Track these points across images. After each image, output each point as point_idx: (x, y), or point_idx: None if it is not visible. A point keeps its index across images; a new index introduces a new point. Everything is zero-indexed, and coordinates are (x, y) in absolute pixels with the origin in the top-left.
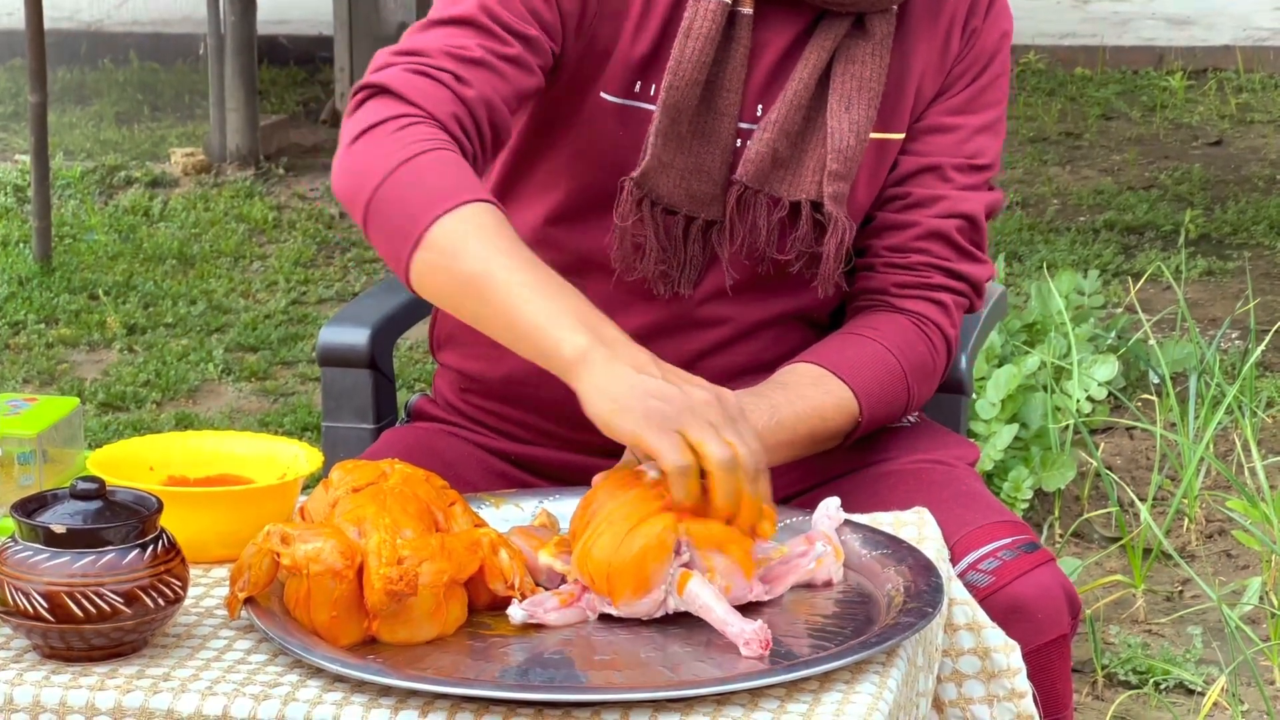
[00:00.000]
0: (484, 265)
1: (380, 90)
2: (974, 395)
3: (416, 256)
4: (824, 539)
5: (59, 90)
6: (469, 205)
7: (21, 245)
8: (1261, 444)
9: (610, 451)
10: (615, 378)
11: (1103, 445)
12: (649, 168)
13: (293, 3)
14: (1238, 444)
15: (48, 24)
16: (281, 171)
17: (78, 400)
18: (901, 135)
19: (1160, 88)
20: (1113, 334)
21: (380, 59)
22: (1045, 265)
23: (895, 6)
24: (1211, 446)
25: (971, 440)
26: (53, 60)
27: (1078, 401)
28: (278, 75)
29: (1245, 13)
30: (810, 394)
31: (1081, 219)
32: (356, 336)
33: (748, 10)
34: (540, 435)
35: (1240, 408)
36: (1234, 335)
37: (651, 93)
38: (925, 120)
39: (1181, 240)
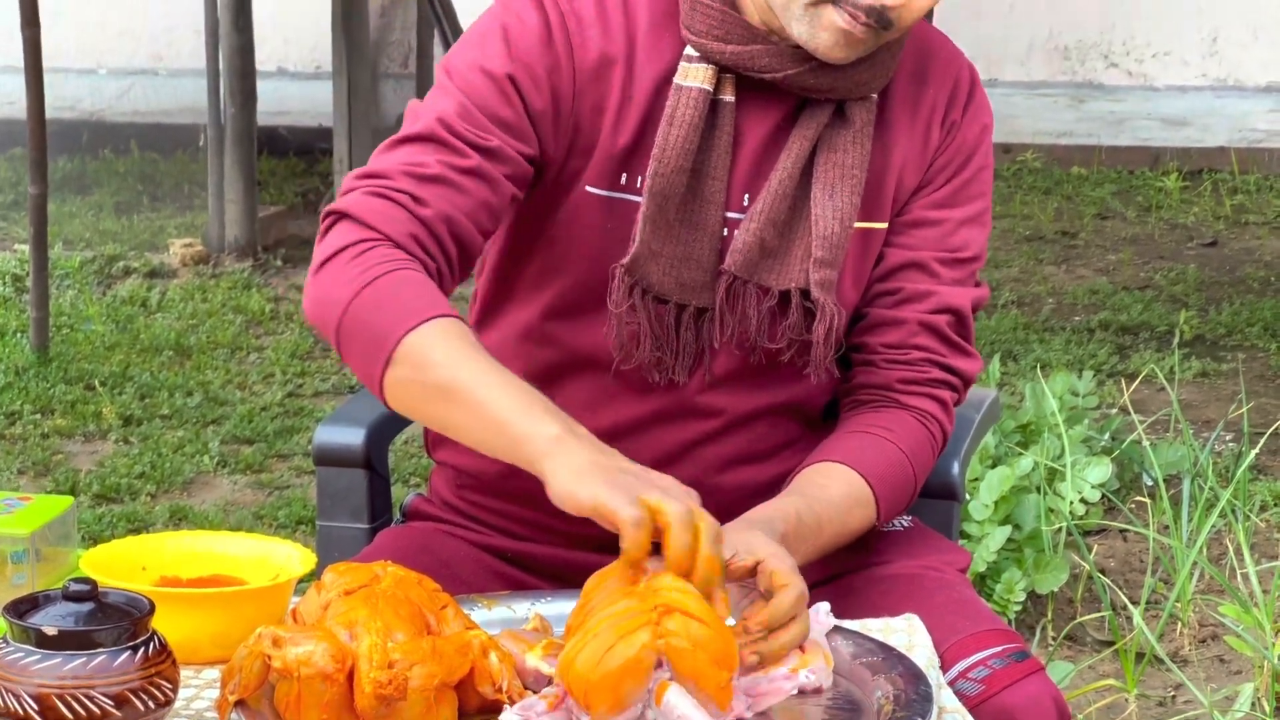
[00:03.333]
0: (451, 373)
1: (342, 216)
2: (967, 497)
3: (388, 374)
4: (813, 647)
5: (59, 179)
6: (431, 321)
7: (19, 335)
8: (1255, 548)
9: (605, 546)
10: (579, 459)
11: (1096, 547)
12: (638, 255)
13: (292, 94)
14: (1231, 548)
15: (49, 113)
16: (279, 263)
17: (72, 499)
18: (884, 225)
19: (1156, 188)
20: (1106, 435)
21: (347, 183)
22: (1040, 365)
23: (875, 95)
24: (1205, 550)
25: (962, 546)
26: (53, 149)
27: (1071, 504)
28: (277, 166)
29: (1240, 114)
30: (836, 497)
31: (1076, 318)
32: (352, 436)
33: (729, 98)
34: (537, 530)
35: (1234, 511)
36: (1228, 438)
37: (637, 184)
38: (909, 214)
39: (1176, 341)
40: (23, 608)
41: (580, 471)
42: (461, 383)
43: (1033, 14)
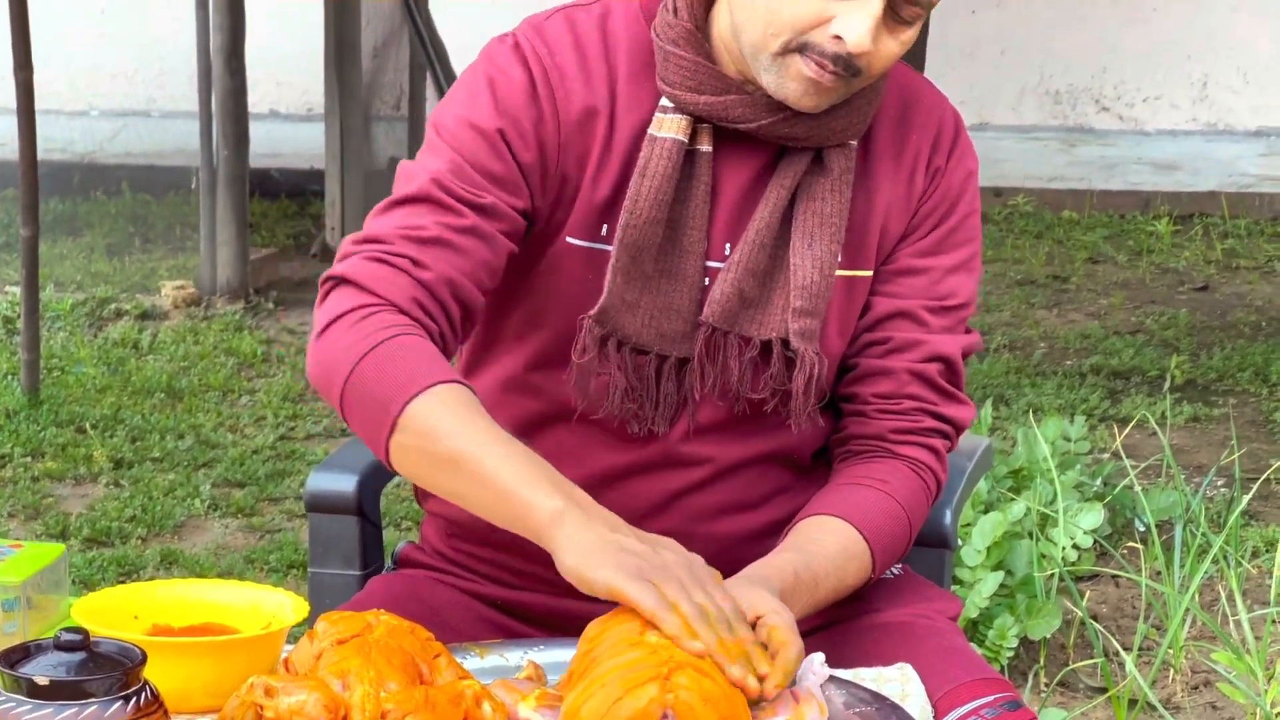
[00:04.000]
0: (456, 442)
1: (342, 281)
2: (959, 543)
3: (393, 441)
4: (808, 697)
5: (51, 221)
6: (436, 387)
7: (10, 377)
8: (1247, 594)
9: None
10: (588, 535)
11: (1088, 593)
12: (607, 305)
13: (285, 136)
14: (1223, 594)
15: (41, 154)
16: (271, 305)
17: (63, 547)
18: (869, 273)
19: (1147, 232)
20: (1098, 481)
21: (345, 247)
22: (1032, 409)
23: (854, 142)
24: (1197, 597)
25: (954, 593)
26: (45, 191)
27: (1063, 550)
28: (269, 208)
29: (1231, 158)
30: (832, 552)
31: (1068, 363)
32: (344, 483)
33: (706, 148)
34: (528, 579)
35: (1226, 558)
36: (1219, 483)
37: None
38: (896, 262)
39: (1167, 386)
40: (14, 657)
41: (589, 551)
42: (466, 453)
43: (1024, 59)
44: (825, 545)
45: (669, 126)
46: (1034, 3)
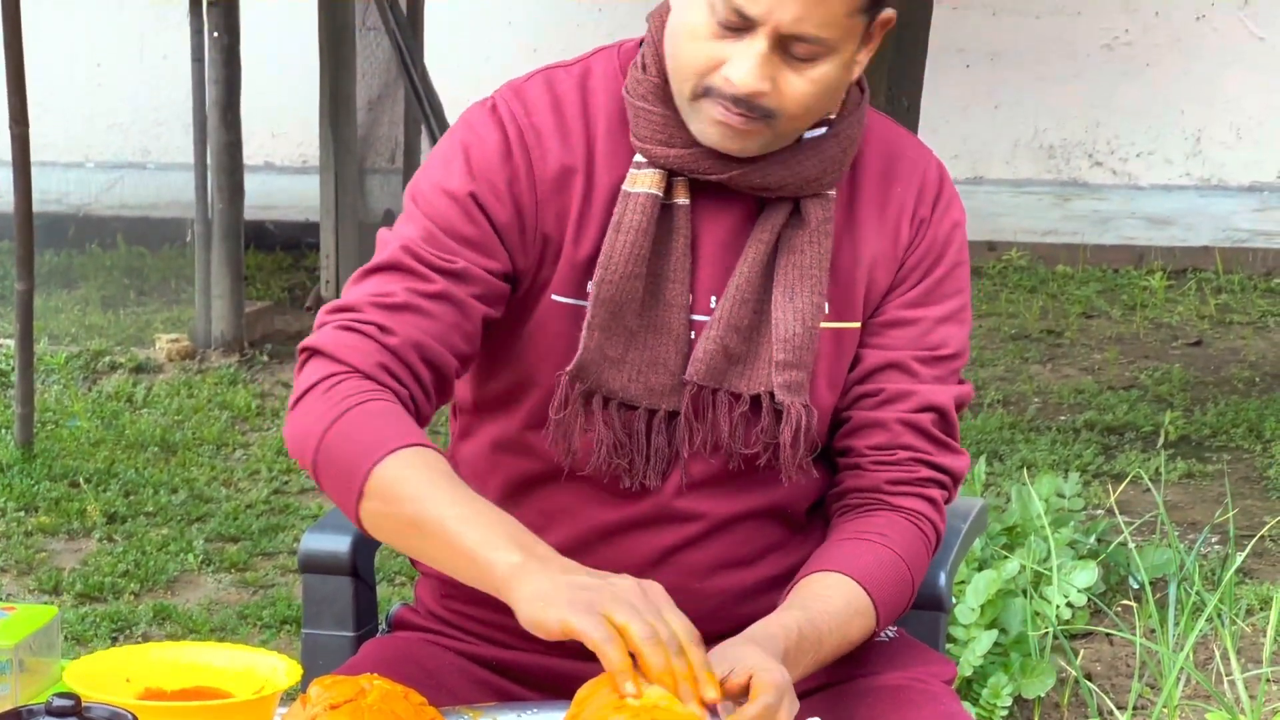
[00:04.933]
0: (419, 506)
1: (315, 352)
2: (954, 601)
3: (362, 507)
4: None
5: (45, 273)
6: (399, 452)
7: (3, 431)
8: (1241, 653)
9: (589, 654)
10: (543, 582)
11: (1082, 652)
12: (585, 361)
13: (280, 188)
14: (1218, 653)
15: (36, 206)
16: (265, 358)
17: (56, 610)
18: (857, 325)
19: (1141, 287)
20: (1092, 538)
21: (320, 317)
22: (1025, 465)
23: (832, 193)
24: (1191, 656)
25: (949, 658)
26: (40, 242)
27: (1057, 608)
28: (264, 261)
29: (1224, 214)
30: (836, 608)
31: (1062, 418)
32: (338, 544)
33: (684, 201)
34: (521, 639)
35: (1220, 616)
36: (1214, 540)
37: None
38: (885, 314)
39: (1161, 442)
40: None
41: (543, 597)
42: (429, 515)
43: (1018, 113)
44: (829, 602)
45: (642, 181)
46: (1027, 57)
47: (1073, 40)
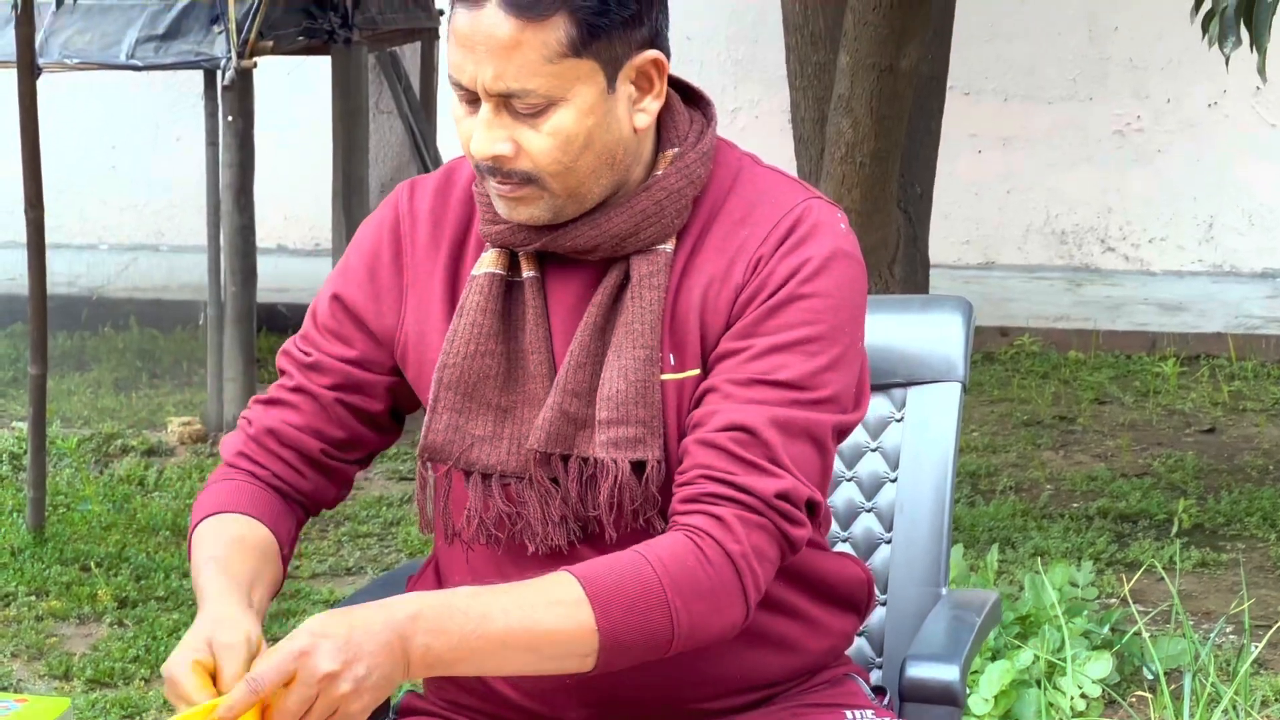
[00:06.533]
0: (194, 561)
1: None
2: (966, 691)
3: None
4: None
5: (58, 355)
6: (200, 524)
7: (15, 515)
8: None
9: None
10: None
11: None
12: (436, 444)
13: (292, 271)
14: None
15: (50, 289)
16: None
17: (68, 702)
18: (697, 372)
19: (1153, 373)
20: (1106, 628)
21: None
22: (1038, 553)
23: (665, 247)
24: None
25: None
26: (53, 325)
27: (1071, 699)
28: (276, 343)
29: (1237, 300)
30: (524, 594)
31: (1075, 505)
32: None
33: (531, 273)
34: (520, 714)
35: (1235, 708)
36: (1229, 630)
37: None
38: (716, 351)
39: (1175, 530)
40: None
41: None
42: (194, 567)
43: (1030, 199)
44: (519, 587)
45: (485, 262)
46: (1039, 144)
47: (1085, 126)
